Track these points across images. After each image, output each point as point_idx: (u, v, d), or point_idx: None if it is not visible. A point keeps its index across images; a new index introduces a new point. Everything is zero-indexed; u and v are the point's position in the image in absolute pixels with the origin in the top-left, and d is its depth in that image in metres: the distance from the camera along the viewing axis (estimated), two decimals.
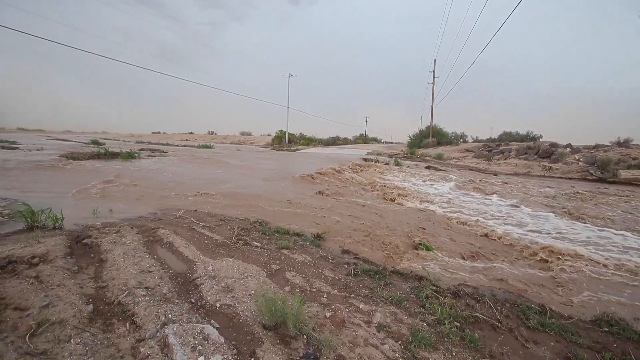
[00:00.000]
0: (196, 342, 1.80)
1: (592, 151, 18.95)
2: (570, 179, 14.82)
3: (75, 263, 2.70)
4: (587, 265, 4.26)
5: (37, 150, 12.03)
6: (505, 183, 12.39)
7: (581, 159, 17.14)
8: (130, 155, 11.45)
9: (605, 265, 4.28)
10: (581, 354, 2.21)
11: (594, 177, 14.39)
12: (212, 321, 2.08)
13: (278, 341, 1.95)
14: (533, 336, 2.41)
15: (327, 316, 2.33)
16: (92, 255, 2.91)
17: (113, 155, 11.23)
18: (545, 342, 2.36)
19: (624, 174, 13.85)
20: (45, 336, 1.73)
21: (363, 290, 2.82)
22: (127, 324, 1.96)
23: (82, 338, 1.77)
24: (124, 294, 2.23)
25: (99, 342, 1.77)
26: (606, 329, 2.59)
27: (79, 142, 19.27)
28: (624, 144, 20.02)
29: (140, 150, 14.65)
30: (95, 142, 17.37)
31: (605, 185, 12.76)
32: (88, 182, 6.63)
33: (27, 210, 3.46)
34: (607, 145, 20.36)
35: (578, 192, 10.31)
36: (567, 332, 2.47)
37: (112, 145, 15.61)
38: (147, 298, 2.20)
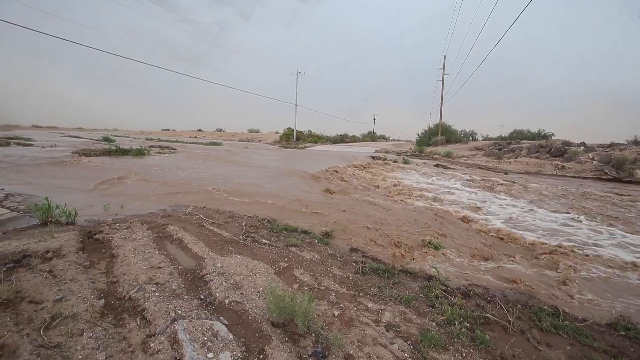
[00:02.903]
0: (205, 338, 1.81)
1: (607, 150, 18.41)
2: (583, 178, 14.46)
3: (87, 258, 2.74)
4: (601, 266, 4.15)
5: (51, 146, 12.28)
6: (515, 182, 12.16)
7: (595, 158, 16.68)
8: (140, 152, 11.61)
9: (623, 267, 4.16)
10: (596, 358, 2.15)
11: (609, 177, 14.00)
12: (221, 318, 2.09)
13: (287, 339, 1.95)
14: (546, 339, 2.36)
15: (336, 314, 2.31)
16: (104, 250, 2.96)
17: (124, 152, 11.39)
18: (559, 345, 2.31)
19: None
20: (59, 329, 1.77)
21: (372, 289, 2.80)
22: (138, 319, 1.98)
23: (94, 332, 1.80)
24: (135, 290, 2.26)
25: (110, 337, 1.79)
26: (622, 333, 2.51)
27: (91, 139, 19.59)
28: None
29: (150, 147, 14.82)
30: (106, 139, 17.62)
31: (622, 185, 12.40)
32: (100, 178, 6.75)
33: (44, 205, 3.54)
34: (622, 144, 19.78)
35: (585, 192, 10.05)
36: (581, 335, 2.41)
37: (123, 142, 15.84)
38: (157, 294, 2.23)
